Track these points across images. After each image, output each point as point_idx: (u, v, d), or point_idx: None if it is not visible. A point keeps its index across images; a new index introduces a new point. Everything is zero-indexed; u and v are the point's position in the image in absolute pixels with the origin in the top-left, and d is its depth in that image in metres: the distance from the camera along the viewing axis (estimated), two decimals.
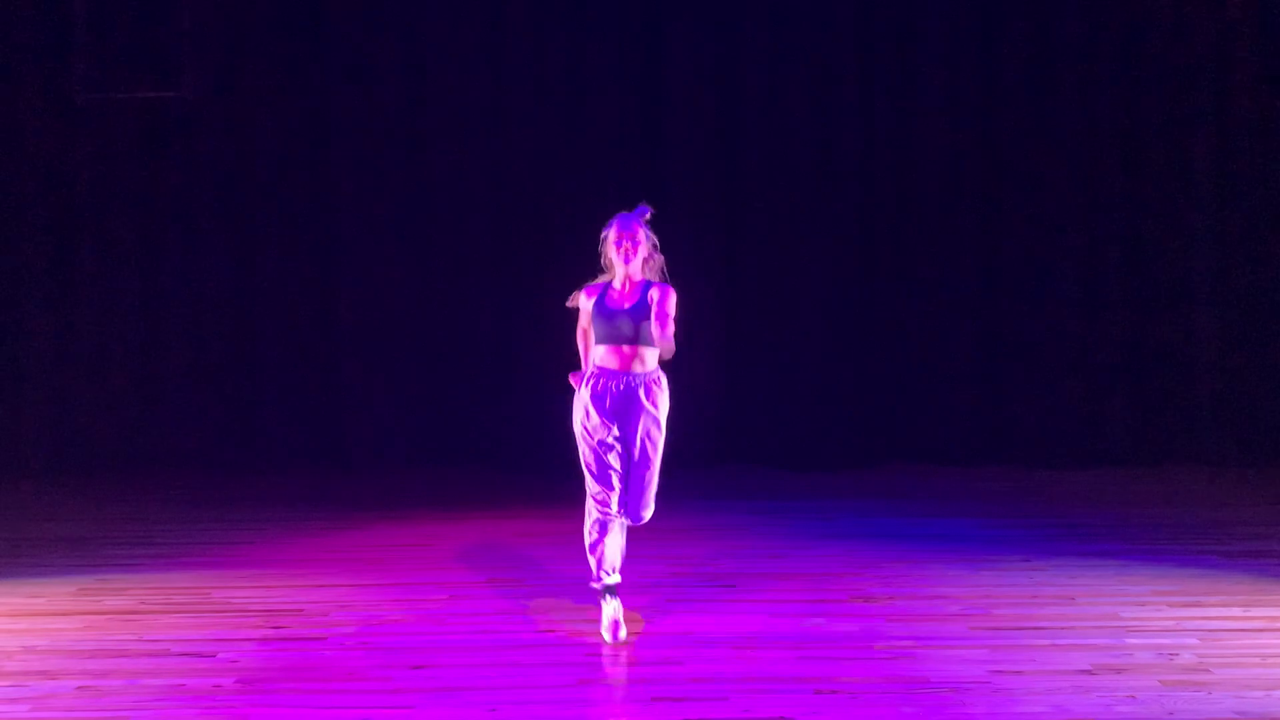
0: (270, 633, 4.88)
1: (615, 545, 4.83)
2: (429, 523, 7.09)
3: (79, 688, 4.27)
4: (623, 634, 4.72)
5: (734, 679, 4.31)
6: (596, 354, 4.83)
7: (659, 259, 4.92)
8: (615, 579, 4.82)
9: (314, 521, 7.13)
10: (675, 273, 8.75)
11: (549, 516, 7.20)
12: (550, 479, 8.33)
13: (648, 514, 4.91)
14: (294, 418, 8.87)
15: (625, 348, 4.76)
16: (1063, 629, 4.80)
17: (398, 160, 8.83)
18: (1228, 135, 8.60)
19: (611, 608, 4.78)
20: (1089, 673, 4.29)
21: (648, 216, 4.92)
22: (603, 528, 4.82)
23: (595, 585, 4.85)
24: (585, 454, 4.82)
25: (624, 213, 4.93)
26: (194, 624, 5.01)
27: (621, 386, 4.76)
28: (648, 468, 4.82)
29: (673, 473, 5.32)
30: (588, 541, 4.86)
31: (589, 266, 4.97)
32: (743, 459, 8.79)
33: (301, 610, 5.20)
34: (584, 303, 4.90)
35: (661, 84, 8.79)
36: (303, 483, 8.37)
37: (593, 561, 4.85)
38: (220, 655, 4.60)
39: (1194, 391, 8.66)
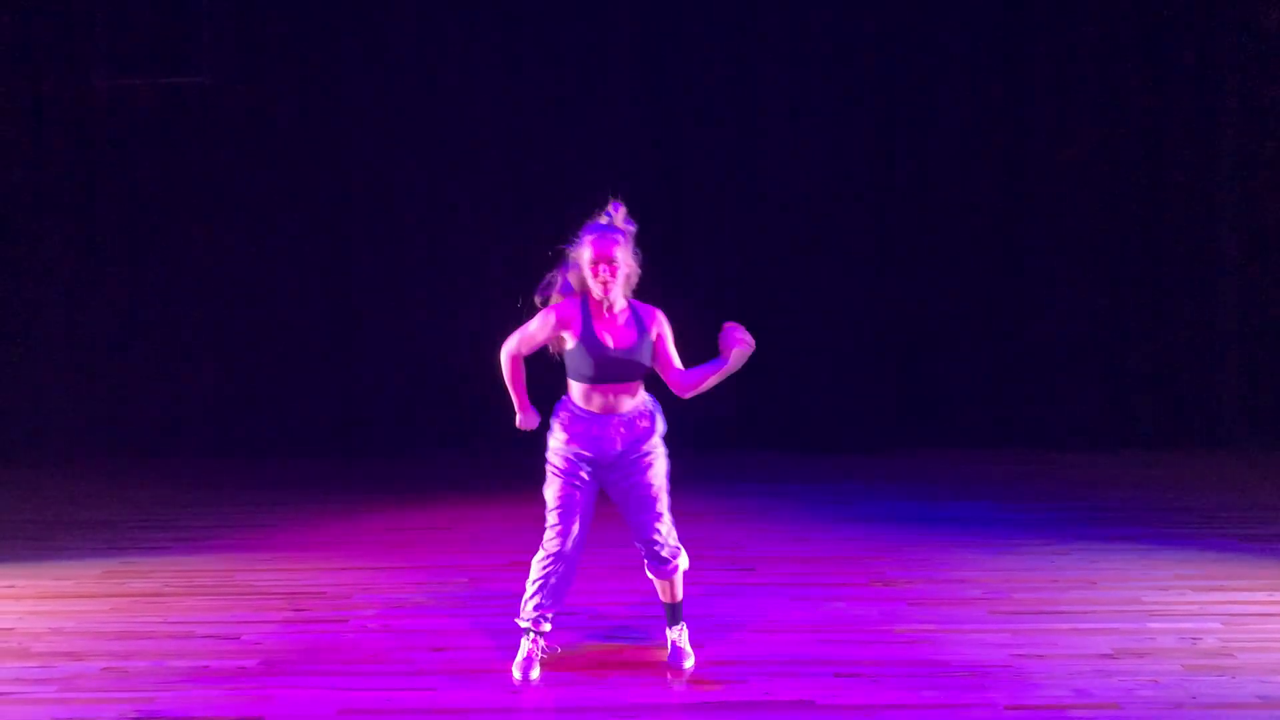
0: (293, 615, 4.91)
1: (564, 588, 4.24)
2: (450, 506, 7.12)
3: (105, 669, 4.31)
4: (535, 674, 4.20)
5: (754, 661, 4.32)
6: (575, 391, 4.11)
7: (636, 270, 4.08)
8: (546, 627, 4.25)
9: (336, 505, 7.17)
10: (696, 260, 8.77)
11: None
12: None
13: (675, 558, 4.25)
14: (316, 402, 8.92)
15: (619, 387, 4.06)
16: (1084, 613, 4.79)
17: (416, 144, 8.84)
18: (1252, 123, 8.52)
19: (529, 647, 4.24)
20: (1111, 657, 4.28)
21: (625, 221, 4.10)
22: (557, 565, 4.19)
23: (522, 623, 4.24)
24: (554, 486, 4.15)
25: (596, 223, 4.09)
26: (218, 606, 5.05)
27: (613, 431, 4.09)
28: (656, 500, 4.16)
29: (694, 457, 5.30)
30: (534, 577, 4.23)
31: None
32: (764, 443, 8.78)
33: (324, 593, 5.24)
34: (548, 326, 4.06)
35: (679, 79, 8.78)
36: (325, 467, 8.42)
37: (531, 601, 4.24)
38: (244, 637, 4.64)
39: (1218, 375, 8.61)
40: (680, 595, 4.37)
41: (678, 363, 4.15)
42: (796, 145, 8.74)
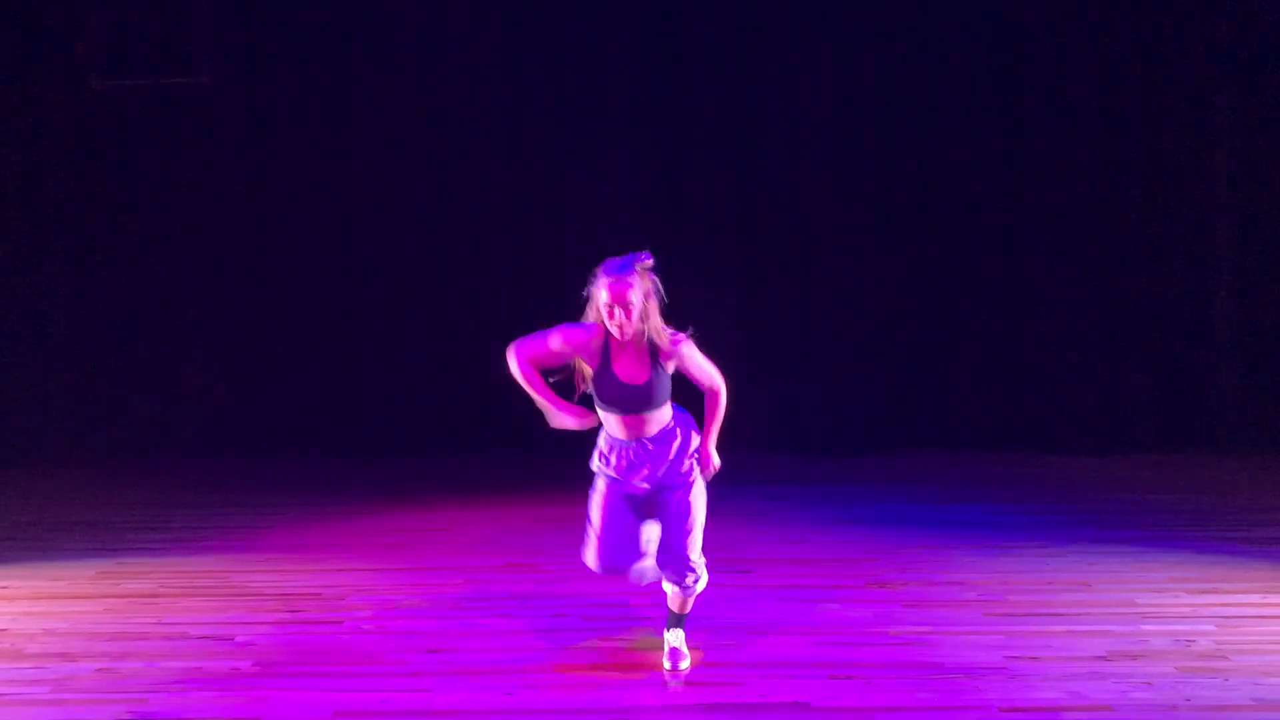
0: (288, 616, 4.91)
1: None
2: (445, 508, 7.12)
3: (98, 670, 4.31)
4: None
5: (750, 663, 4.32)
6: (602, 418, 4.14)
7: (655, 314, 4.01)
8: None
9: (332, 507, 7.17)
10: (695, 260, 8.76)
11: (564, 502, 7.19)
12: (565, 464, 8.35)
13: (696, 580, 4.25)
14: (313, 403, 8.92)
15: (640, 417, 4.09)
16: (1079, 615, 4.78)
17: (417, 146, 8.84)
18: (1252, 123, 8.50)
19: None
20: (1105, 659, 4.28)
21: (647, 264, 4.02)
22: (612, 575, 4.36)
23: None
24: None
25: (614, 261, 4.02)
26: (212, 607, 5.05)
27: (645, 455, 4.14)
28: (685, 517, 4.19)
29: None
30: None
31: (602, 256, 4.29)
32: (760, 444, 8.78)
33: (319, 594, 5.24)
34: (561, 346, 4.08)
35: (679, 79, 8.76)
36: (321, 469, 8.42)
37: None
38: (238, 638, 4.64)
39: (1214, 377, 8.60)
40: (689, 609, 4.37)
41: (708, 379, 4.16)
42: (796, 145, 8.73)
